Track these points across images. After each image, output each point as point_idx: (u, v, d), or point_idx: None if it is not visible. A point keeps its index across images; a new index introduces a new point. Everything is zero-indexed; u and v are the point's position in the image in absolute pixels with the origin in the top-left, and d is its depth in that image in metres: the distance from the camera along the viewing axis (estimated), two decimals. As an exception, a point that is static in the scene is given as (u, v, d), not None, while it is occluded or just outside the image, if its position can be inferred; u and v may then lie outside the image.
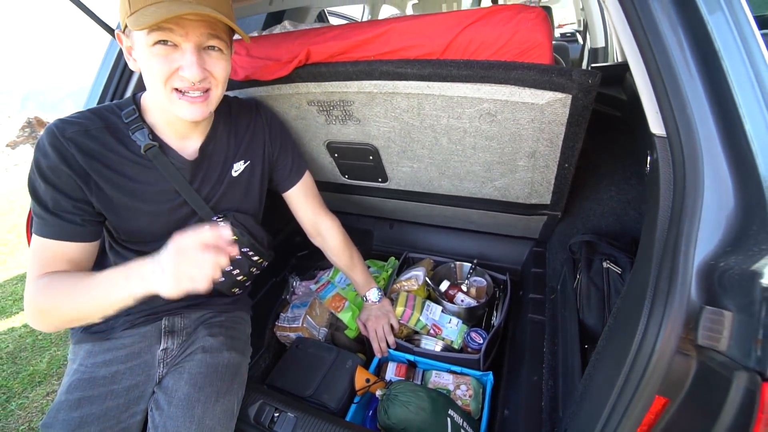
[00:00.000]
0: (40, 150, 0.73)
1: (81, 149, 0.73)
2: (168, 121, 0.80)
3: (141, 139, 0.77)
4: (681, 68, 0.52)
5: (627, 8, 0.56)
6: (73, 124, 0.74)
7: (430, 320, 1.24)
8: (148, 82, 0.73)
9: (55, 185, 0.72)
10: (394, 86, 0.84)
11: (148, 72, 0.71)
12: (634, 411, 0.49)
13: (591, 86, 0.68)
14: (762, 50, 0.50)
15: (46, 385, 1.91)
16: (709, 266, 0.48)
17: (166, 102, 0.73)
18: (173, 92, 0.72)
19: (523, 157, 0.91)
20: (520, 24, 0.70)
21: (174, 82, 0.71)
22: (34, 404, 1.81)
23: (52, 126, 0.73)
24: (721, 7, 0.51)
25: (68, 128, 0.73)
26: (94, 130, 0.75)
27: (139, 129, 0.78)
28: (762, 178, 0.46)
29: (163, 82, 0.70)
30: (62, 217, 0.73)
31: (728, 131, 0.50)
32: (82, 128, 0.74)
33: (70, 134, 0.73)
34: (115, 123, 0.78)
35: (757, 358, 0.38)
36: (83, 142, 0.74)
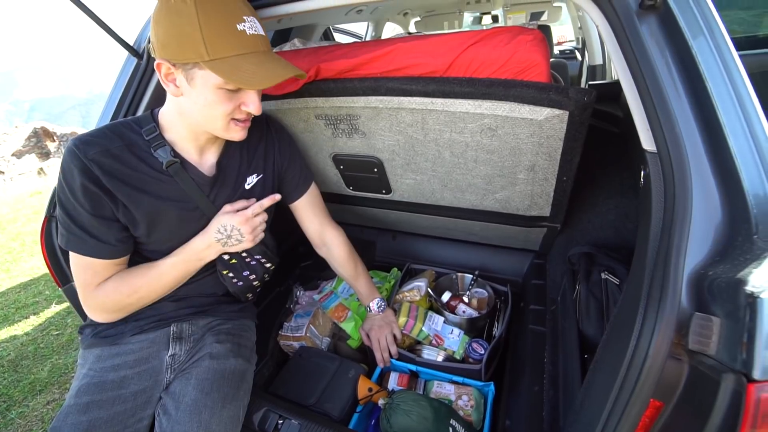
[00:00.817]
0: (67, 171, 0.74)
1: (104, 170, 0.75)
2: (190, 138, 0.83)
3: (163, 155, 0.80)
4: (669, 89, 0.56)
5: (618, 33, 0.60)
6: (93, 144, 0.75)
7: (432, 330, 1.25)
8: (206, 114, 0.75)
9: (87, 206, 0.75)
10: (399, 102, 0.88)
11: (208, 107, 0.73)
12: (630, 415, 0.51)
13: (587, 103, 0.72)
14: (741, 72, 0.54)
15: (47, 394, 1.91)
16: (698, 275, 0.50)
17: (220, 130, 0.78)
18: (231, 122, 0.77)
19: (522, 170, 0.94)
20: (519, 45, 0.74)
21: (235, 115, 0.76)
22: (35, 413, 1.81)
23: (73, 147, 0.74)
24: (703, 32, 0.55)
25: (90, 149, 0.74)
26: (114, 149, 0.77)
27: (161, 146, 0.80)
28: (746, 192, 0.49)
29: (226, 116, 0.75)
30: (99, 239, 0.78)
31: (714, 148, 0.53)
32: (102, 148, 0.76)
33: (93, 155, 0.74)
34: (135, 140, 0.80)
35: (743, 361, 0.40)
36: (105, 162, 0.75)
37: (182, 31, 0.66)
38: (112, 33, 0.99)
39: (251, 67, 0.68)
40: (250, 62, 0.69)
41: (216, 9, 0.66)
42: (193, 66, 0.68)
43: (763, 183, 0.49)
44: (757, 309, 0.40)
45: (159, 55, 0.70)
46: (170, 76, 0.72)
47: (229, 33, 0.67)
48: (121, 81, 1.13)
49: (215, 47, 0.66)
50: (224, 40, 0.67)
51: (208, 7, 0.65)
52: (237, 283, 0.99)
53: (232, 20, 0.67)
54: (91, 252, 0.78)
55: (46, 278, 3.02)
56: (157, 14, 0.68)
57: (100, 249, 0.79)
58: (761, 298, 0.40)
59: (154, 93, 1.11)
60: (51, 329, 2.37)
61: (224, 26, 0.67)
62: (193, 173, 0.85)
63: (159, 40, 0.69)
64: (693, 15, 0.56)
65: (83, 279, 0.81)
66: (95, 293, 0.81)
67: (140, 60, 1.10)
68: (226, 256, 0.94)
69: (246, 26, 0.69)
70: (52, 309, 2.58)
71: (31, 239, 3.78)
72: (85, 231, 0.76)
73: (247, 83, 0.68)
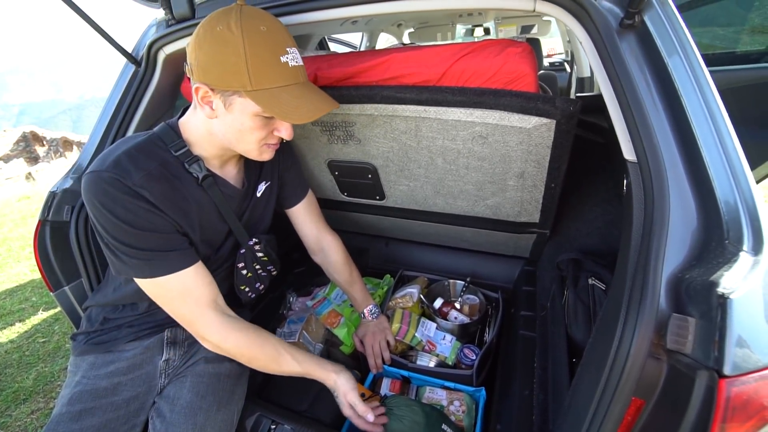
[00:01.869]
0: (115, 203, 0.69)
1: (154, 194, 0.72)
2: (217, 155, 0.83)
3: (198, 170, 0.80)
4: (648, 103, 0.59)
5: (600, 49, 0.64)
6: (134, 170, 0.71)
7: (425, 336, 1.27)
8: (241, 138, 0.76)
9: (154, 229, 0.73)
10: (394, 110, 0.91)
11: (245, 131, 0.74)
12: (614, 413, 0.53)
13: (572, 113, 0.75)
14: (711, 87, 0.57)
15: (31, 403, 1.87)
16: (676, 278, 0.53)
17: (253, 152, 0.79)
18: (264, 146, 0.79)
19: (512, 177, 0.97)
20: (508, 57, 0.78)
21: (269, 140, 0.78)
22: (17, 423, 1.76)
23: (114, 177, 0.69)
24: (677, 50, 0.59)
25: (134, 176, 0.71)
26: (154, 171, 0.74)
27: (195, 161, 0.80)
28: (718, 199, 0.52)
29: (260, 141, 0.77)
30: (178, 249, 0.76)
31: (689, 158, 0.56)
32: (146, 173, 0.72)
33: (140, 181, 0.71)
34: (166, 158, 0.78)
35: (715, 358, 0.42)
36: (153, 186, 0.73)
37: (227, 60, 0.66)
38: (111, 40, 1.01)
39: (293, 101, 0.70)
40: (291, 94, 0.70)
41: (264, 41, 0.67)
42: (233, 93, 0.69)
43: (733, 191, 0.52)
44: (727, 309, 0.42)
45: (198, 78, 0.69)
46: (206, 99, 0.72)
47: (273, 64, 0.68)
48: (118, 87, 1.14)
49: (259, 78, 0.67)
50: (268, 71, 0.68)
51: (255, 39, 0.66)
52: (250, 295, 1.02)
53: (277, 52, 0.69)
54: (179, 264, 0.75)
55: (33, 284, 2.96)
56: (199, 40, 0.68)
57: (185, 257, 0.76)
58: (731, 299, 0.43)
59: (151, 100, 1.13)
60: (37, 336, 2.32)
61: (269, 58, 0.68)
62: (223, 186, 0.86)
63: (200, 65, 0.68)
64: (668, 34, 0.60)
65: (189, 310, 0.78)
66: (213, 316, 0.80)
67: (138, 67, 1.11)
68: (244, 271, 0.97)
69: (289, 58, 0.70)
70: (38, 316, 2.53)
71: (18, 245, 3.71)
72: (162, 250, 0.73)
73: (289, 117, 0.70)
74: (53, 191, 1.09)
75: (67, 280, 1.10)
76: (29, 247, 3.63)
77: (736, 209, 0.51)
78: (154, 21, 1.11)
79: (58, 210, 1.07)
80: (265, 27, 0.68)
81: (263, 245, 0.98)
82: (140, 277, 0.75)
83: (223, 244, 0.92)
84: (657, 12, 0.62)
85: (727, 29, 1.98)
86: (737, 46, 2.00)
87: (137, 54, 1.13)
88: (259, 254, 0.98)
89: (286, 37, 0.71)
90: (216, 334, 0.80)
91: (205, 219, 0.84)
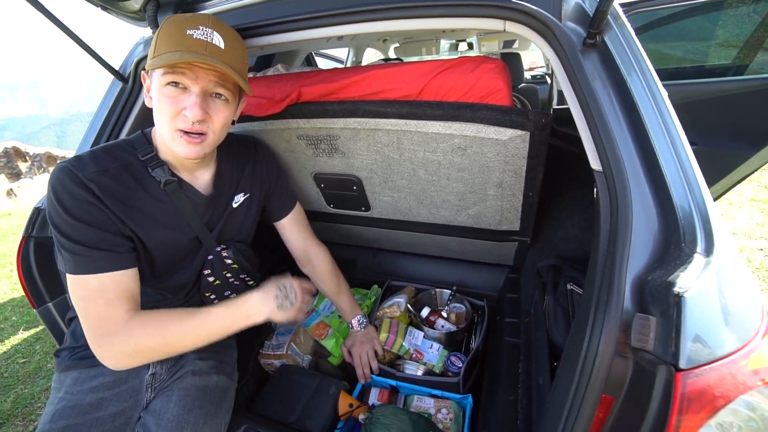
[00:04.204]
0: (63, 192, 0.71)
1: (102, 189, 0.74)
2: (178, 158, 0.83)
3: (162, 175, 0.80)
4: (610, 115, 0.63)
5: (566, 66, 0.68)
6: (89, 164, 0.74)
7: (412, 345, 1.28)
8: (157, 119, 0.77)
9: (91, 222, 0.73)
10: (376, 123, 0.94)
11: (158, 110, 0.76)
12: (585, 411, 0.55)
13: (545, 125, 0.80)
14: (666, 101, 0.62)
15: (9, 427, 1.80)
16: (640, 280, 0.56)
17: (169, 139, 0.78)
18: (176, 131, 0.76)
19: (492, 186, 1.01)
20: (482, 72, 0.82)
21: (178, 122, 0.75)
22: (-6, 447, 1.71)
23: (69, 167, 0.73)
24: (634, 67, 0.64)
25: (87, 168, 0.73)
26: (112, 170, 0.76)
27: (158, 166, 0.81)
28: (675, 205, 0.56)
29: (170, 120, 0.75)
30: (105, 249, 0.73)
31: (649, 166, 0.60)
32: (101, 168, 0.75)
33: (91, 174, 0.73)
34: (131, 161, 0.80)
35: (672, 353, 0.45)
36: (104, 182, 0.74)
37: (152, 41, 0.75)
38: (99, 58, 1.02)
39: (172, 56, 0.70)
40: (177, 54, 0.70)
41: (176, 20, 0.74)
42: (151, 71, 0.75)
43: (687, 197, 0.56)
44: (681, 306, 0.46)
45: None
46: (147, 86, 0.79)
47: (175, 35, 0.72)
48: (105, 103, 1.15)
49: (161, 46, 0.72)
50: (168, 40, 0.72)
51: (170, 20, 0.74)
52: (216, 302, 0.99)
53: (184, 27, 0.73)
54: (103, 266, 0.72)
55: (13, 303, 2.88)
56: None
57: (111, 260, 0.73)
58: (685, 297, 0.46)
59: (138, 116, 1.14)
60: (17, 357, 2.25)
61: (174, 31, 0.73)
62: (189, 192, 0.86)
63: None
64: (626, 52, 0.65)
65: (96, 311, 0.72)
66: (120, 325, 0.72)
67: (125, 84, 1.13)
68: (211, 278, 0.95)
69: (196, 33, 0.73)
70: (19, 335, 2.46)
71: (-2, 263, 3.61)
72: (91, 247, 0.72)
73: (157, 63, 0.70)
74: (38, 207, 1.08)
75: (51, 296, 1.09)
76: (10, 264, 3.54)
77: (691, 213, 0.55)
78: (142, 39, 1.14)
79: (43, 226, 1.07)
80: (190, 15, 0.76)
81: (232, 252, 0.97)
82: (67, 271, 0.73)
83: (196, 251, 0.92)
84: (615, 32, 0.67)
85: (698, 44, 2.08)
86: (706, 59, 2.11)
87: (125, 71, 1.14)
88: (227, 261, 0.97)
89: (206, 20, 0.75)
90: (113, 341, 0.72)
91: (167, 223, 0.83)
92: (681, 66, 2.12)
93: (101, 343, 0.72)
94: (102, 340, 0.72)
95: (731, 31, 2.00)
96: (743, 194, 3.28)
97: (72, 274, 0.72)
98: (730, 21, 2.00)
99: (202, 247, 0.92)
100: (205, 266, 0.94)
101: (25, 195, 6.47)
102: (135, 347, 0.72)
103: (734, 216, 3.00)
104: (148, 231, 0.81)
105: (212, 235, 0.92)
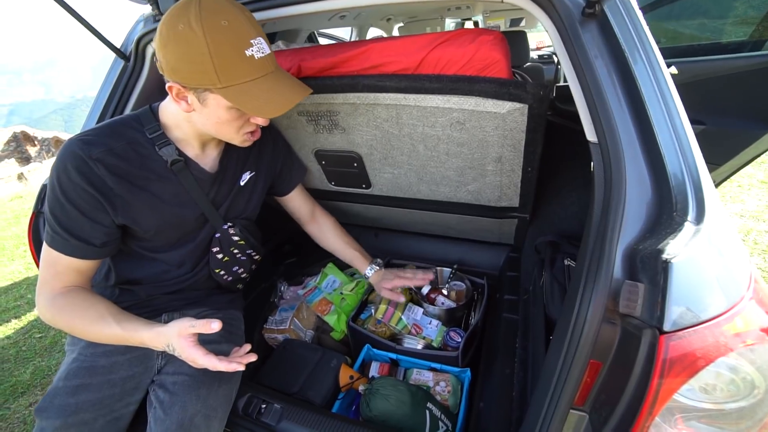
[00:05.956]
0: (63, 171, 0.73)
1: (109, 169, 0.75)
2: (195, 137, 0.84)
3: (168, 153, 0.81)
4: (607, 86, 0.63)
5: (564, 37, 0.67)
6: (96, 143, 0.75)
7: (411, 320, 1.31)
8: (220, 130, 0.79)
9: (79, 206, 0.74)
10: (375, 98, 0.94)
11: (221, 125, 0.77)
12: (573, 375, 0.57)
13: (543, 97, 0.79)
14: (664, 71, 0.61)
15: (29, 396, 1.90)
16: (632, 249, 0.57)
17: (236, 140, 0.82)
18: (245, 134, 0.81)
19: (491, 162, 1.01)
20: (480, 44, 0.81)
21: (247, 128, 0.81)
22: (16, 415, 1.80)
23: (75, 147, 0.74)
24: (633, 38, 0.62)
25: (93, 149, 0.74)
26: (118, 149, 0.77)
27: (165, 145, 0.81)
28: (669, 175, 0.56)
29: (238, 130, 0.79)
30: (82, 239, 0.76)
31: (644, 138, 0.60)
32: (106, 147, 0.76)
33: (98, 155, 0.74)
34: (137, 138, 0.80)
35: (657, 317, 0.46)
36: (110, 161, 0.76)
37: (193, 59, 0.66)
38: (100, 36, 1.02)
39: (263, 94, 0.71)
40: (260, 87, 0.71)
41: (225, 36, 0.66)
42: (204, 90, 0.71)
43: (681, 167, 0.56)
44: (669, 272, 0.46)
45: (169, 77, 0.71)
46: (181, 95, 0.74)
47: (239, 60, 0.68)
48: (108, 82, 1.16)
49: (227, 75, 0.68)
50: (235, 67, 0.68)
51: (217, 36, 0.65)
52: (227, 278, 1.03)
53: (241, 47, 0.68)
54: (72, 252, 0.77)
55: (28, 282, 2.98)
56: (163, 39, 0.68)
57: (80, 249, 0.77)
58: (672, 263, 0.47)
59: (140, 94, 1.15)
60: (33, 332, 2.35)
61: (234, 54, 0.68)
62: (195, 170, 0.87)
63: (168, 64, 0.70)
64: (625, 23, 0.64)
65: (46, 274, 0.79)
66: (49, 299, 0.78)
67: (127, 62, 1.13)
68: (220, 255, 0.98)
69: (254, 50, 0.70)
70: (34, 312, 2.55)
71: (12, 243, 3.71)
72: (68, 231, 0.75)
73: (261, 112, 0.72)
74: (46, 184, 1.11)
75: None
76: (23, 245, 3.64)
77: (684, 183, 0.55)
78: (142, 17, 1.13)
79: (51, 202, 1.10)
80: (227, 21, 0.66)
81: (239, 229, 0.99)
82: (44, 239, 0.78)
83: (201, 229, 0.94)
84: (615, 2, 0.66)
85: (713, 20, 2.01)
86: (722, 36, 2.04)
87: (126, 49, 1.15)
88: (234, 238, 0.99)
89: (248, 28, 0.70)
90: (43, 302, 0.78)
91: (172, 201, 0.85)
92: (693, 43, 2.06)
93: (37, 295, 0.80)
94: (38, 295, 0.80)
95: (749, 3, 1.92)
96: (754, 176, 3.22)
97: (46, 243, 0.78)
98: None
99: (207, 224, 0.94)
100: (213, 244, 0.96)
101: (35, 178, 6.58)
102: (50, 318, 0.78)
103: (743, 198, 2.95)
104: (154, 208, 0.82)
105: (219, 213, 0.94)
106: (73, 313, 0.77)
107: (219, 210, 0.94)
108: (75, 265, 0.79)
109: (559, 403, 0.58)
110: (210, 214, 0.92)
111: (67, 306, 0.77)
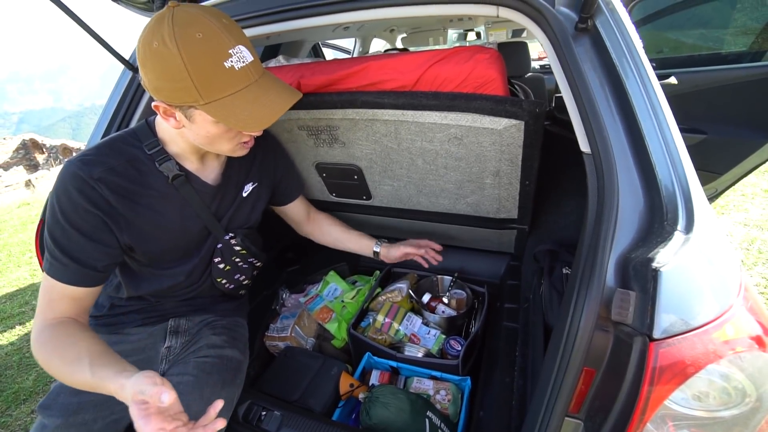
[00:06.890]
0: (63, 193, 0.72)
1: (111, 189, 0.74)
2: (192, 151, 0.83)
3: (169, 169, 0.80)
4: (599, 98, 0.65)
5: (557, 51, 0.69)
6: (96, 163, 0.74)
7: (408, 330, 1.31)
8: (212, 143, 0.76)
9: (81, 228, 0.72)
10: (374, 114, 0.96)
11: (211, 138, 0.75)
12: (568, 382, 0.58)
13: (539, 114, 0.81)
14: (654, 83, 0.63)
15: (31, 403, 1.91)
16: (624, 258, 0.58)
17: (226, 152, 0.80)
18: (238, 145, 0.79)
19: (489, 175, 1.02)
20: (476, 63, 0.83)
21: (240, 139, 0.78)
22: (18, 422, 1.80)
23: (75, 168, 0.72)
24: (624, 51, 0.64)
25: (94, 169, 0.73)
26: (118, 167, 0.76)
27: (166, 160, 0.80)
28: (660, 185, 0.58)
29: (231, 141, 0.77)
30: (83, 263, 0.74)
31: (636, 148, 0.62)
32: (107, 167, 0.74)
33: (99, 174, 0.73)
34: (137, 155, 0.79)
35: (647, 325, 0.47)
36: (112, 180, 0.74)
37: (172, 77, 0.64)
38: (109, 47, 1.06)
39: (248, 106, 0.68)
40: (245, 99, 0.68)
41: (201, 50, 0.63)
42: (189, 107, 0.69)
43: (671, 177, 0.58)
44: (658, 280, 0.48)
45: (154, 96, 0.70)
46: (168, 112, 0.72)
47: (219, 73, 0.65)
48: (116, 93, 1.19)
49: (208, 90, 0.65)
50: (215, 81, 0.66)
51: (192, 50, 0.63)
52: (228, 286, 1.04)
53: (219, 59, 0.65)
54: (70, 279, 0.74)
55: (33, 288, 3.01)
56: (142, 58, 0.66)
57: (80, 275, 0.74)
58: (662, 271, 0.48)
59: (147, 104, 1.18)
60: (37, 339, 2.36)
61: (213, 67, 0.65)
62: (196, 184, 0.86)
63: (150, 84, 0.68)
64: (616, 37, 0.66)
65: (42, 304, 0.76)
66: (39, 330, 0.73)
67: (135, 73, 1.17)
68: (221, 264, 0.98)
69: (233, 61, 0.66)
70: (38, 319, 2.57)
71: (18, 250, 3.76)
72: (69, 256, 0.73)
73: (246, 126, 0.69)
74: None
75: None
76: (29, 252, 3.68)
77: (674, 193, 0.57)
78: (149, 29, 1.17)
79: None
80: (201, 33, 0.63)
81: (240, 239, 0.99)
82: (42, 267, 0.75)
83: (204, 241, 0.94)
84: (607, 17, 0.68)
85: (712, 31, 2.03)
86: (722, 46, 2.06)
87: (134, 60, 1.18)
88: (236, 248, 1.00)
89: (226, 37, 0.66)
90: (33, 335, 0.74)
91: (175, 216, 0.84)
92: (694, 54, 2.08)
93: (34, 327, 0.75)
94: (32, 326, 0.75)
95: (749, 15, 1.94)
96: (757, 185, 3.21)
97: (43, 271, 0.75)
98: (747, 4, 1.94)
99: (211, 236, 0.95)
100: (215, 255, 0.96)
101: (42, 186, 6.67)
102: (35, 353, 0.73)
103: (747, 207, 2.94)
104: (157, 225, 0.82)
105: (221, 224, 0.94)
106: (53, 351, 0.71)
107: (221, 221, 0.95)
108: (69, 293, 0.75)
109: (555, 410, 0.59)
110: (212, 226, 0.92)
111: (49, 341, 0.72)
